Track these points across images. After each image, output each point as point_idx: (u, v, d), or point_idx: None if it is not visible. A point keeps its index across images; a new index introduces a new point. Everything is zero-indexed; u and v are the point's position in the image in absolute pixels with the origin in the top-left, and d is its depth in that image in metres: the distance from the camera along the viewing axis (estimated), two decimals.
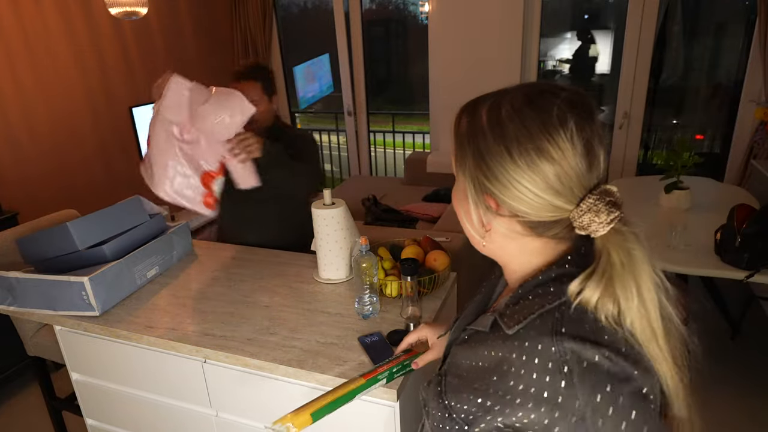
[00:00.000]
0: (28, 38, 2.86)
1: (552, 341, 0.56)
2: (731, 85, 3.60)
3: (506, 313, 0.64)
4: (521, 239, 0.65)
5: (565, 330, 0.56)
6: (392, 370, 0.94)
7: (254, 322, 1.37)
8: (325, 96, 5.05)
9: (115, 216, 1.59)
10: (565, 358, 0.55)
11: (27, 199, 2.88)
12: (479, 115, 0.63)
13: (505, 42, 3.66)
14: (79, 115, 3.19)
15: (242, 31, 4.38)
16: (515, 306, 0.64)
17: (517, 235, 0.65)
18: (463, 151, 0.64)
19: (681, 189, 2.51)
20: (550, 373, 0.55)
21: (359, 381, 0.91)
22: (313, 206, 1.54)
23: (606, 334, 0.57)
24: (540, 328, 0.58)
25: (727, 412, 2.17)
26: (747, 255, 1.89)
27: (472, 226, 0.67)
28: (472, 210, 0.66)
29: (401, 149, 5.11)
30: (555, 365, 0.55)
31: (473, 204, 0.65)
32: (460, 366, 0.69)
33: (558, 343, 0.56)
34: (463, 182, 0.66)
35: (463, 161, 0.64)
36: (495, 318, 0.66)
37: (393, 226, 3.11)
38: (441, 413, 0.69)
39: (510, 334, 0.60)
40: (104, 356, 1.52)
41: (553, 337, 0.56)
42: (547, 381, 0.55)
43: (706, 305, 2.82)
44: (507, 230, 0.65)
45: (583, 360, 0.54)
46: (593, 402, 0.53)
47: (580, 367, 0.54)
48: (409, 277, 1.23)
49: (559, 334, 0.56)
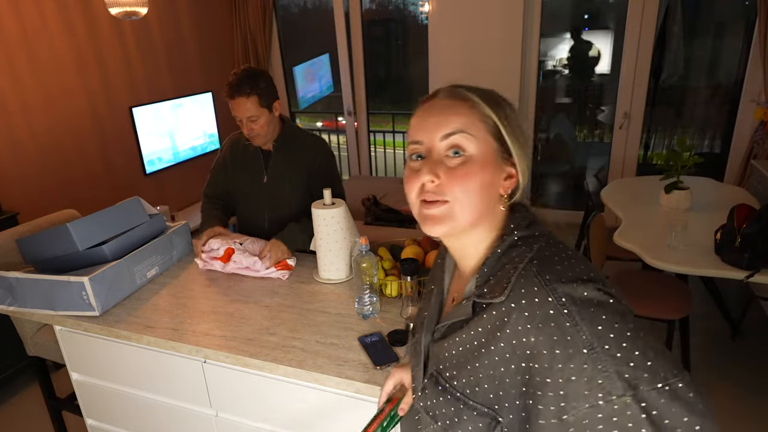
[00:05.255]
0: (28, 38, 2.86)
1: (546, 292, 0.61)
2: (731, 85, 3.60)
3: (484, 292, 0.68)
4: (498, 209, 0.73)
5: (549, 277, 0.63)
6: (383, 425, 0.93)
7: (254, 322, 1.37)
8: (325, 96, 5.04)
9: (115, 216, 1.59)
10: (562, 301, 0.60)
11: (27, 200, 2.88)
12: (505, 99, 0.74)
13: (505, 42, 3.66)
14: (79, 115, 3.19)
15: (242, 31, 4.39)
16: (489, 282, 0.68)
17: (500, 203, 0.73)
18: (506, 117, 0.71)
19: (681, 189, 2.51)
20: (553, 319, 0.60)
21: None
22: (313, 206, 1.54)
23: (572, 265, 0.64)
24: (526, 286, 0.63)
25: (728, 412, 2.17)
26: (747, 255, 1.89)
27: (489, 198, 0.70)
28: (499, 175, 0.71)
29: (401, 149, 5.11)
30: (556, 311, 0.60)
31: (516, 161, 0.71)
32: (449, 358, 0.71)
33: (552, 291, 0.61)
34: (495, 147, 0.70)
35: (509, 125, 0.71)
36: (473, 301, 0.70)
37: (393, 226, 3.10)
38: (454, 407, 0.69)
39: (502, 300, 0.65)
40: (104, 356, 1.52)
41: (545, 287, 0.62)
42: (552, 326, 0.60)
43: (706, 305, 2.82)
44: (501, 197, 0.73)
45: (576, 299, 0.60)
46: (596, 331, 0.58)
47: (576, 305, 0.60)
48: (409, 277, 1.23)
49: (546, 283, 0.62)
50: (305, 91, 5.00)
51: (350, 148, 4.75)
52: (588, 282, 0.62)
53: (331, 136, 5.19)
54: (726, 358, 2.49)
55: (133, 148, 3.50)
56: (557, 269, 0.64)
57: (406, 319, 1.30)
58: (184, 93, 3.89)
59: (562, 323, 0.59)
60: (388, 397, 0.98)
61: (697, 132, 3.89)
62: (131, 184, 3.52)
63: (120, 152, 3.47)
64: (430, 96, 0.74)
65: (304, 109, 5.09)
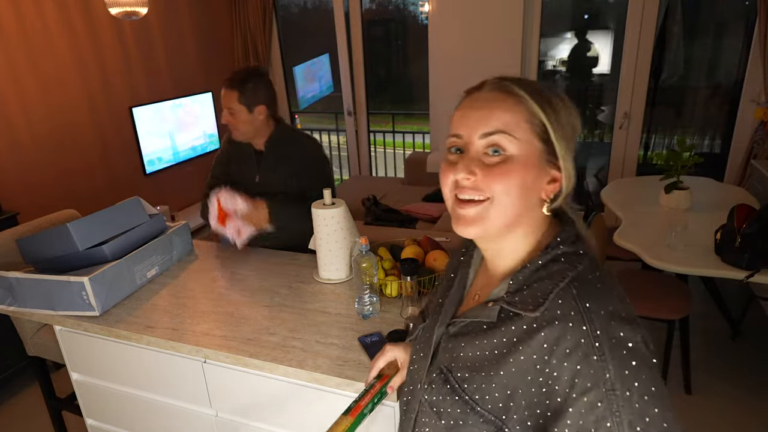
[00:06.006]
0: (28, 38, 2.86)
1: (582, 319, 0.59)
2: (731, 85, 3.60)
3: (515, 300, 0.65)
4: (539, 213, 0.70)
5: (589, 305, 0.60)
6: (373, 401, 0.93)
7: (254, 322, 1.37)
8: (325, 96, 5.05)
9: (115, 216, 1.59)
10: (596, 333, 0.58)
11: (27, 200, 2.88)
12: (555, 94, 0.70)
13: (505, 42, 3.65)
14: (79, 116, 3.19)
15: (242, 31, 4.38)
16: (523, 292, 0.66)
17: (542, 207, 0.70)
18: (558, 118, 0.67)
19: (681, 189, 2.51)
20: (583, 349, 0.58)
21: (347, 420, 0.89)
22: (313, 206, 1.54)
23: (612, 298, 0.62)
24: (563, 307, 0.61)
25: (728, 412, 2.17)
26: (747, 255, 1.89)
27: (528, 201, 0.68)
28: (542, 178, 0.68)
29: (401, 149, 5.11)
30: (588, 341, 0.58)
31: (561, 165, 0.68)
32: (465, 359, 0.69)
33: (588, 321, 0.59)
34: (540, 149, 0.67)
35: (559, 127, 0.67)
36: (501, 307, 0.67)
37: (393, 226, 3.11)
38: (461, 410, 0.68)
39: (536, 316, 0.62)
40: (104, 356, 1.52)
41: (581, 314, 0.60)
42: (579, 355, 0.58)
43: (706, 305, 2.82)
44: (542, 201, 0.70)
45: (611, 336, 0.58)
46: (622, 374, 0.57)
47: (608, 342, 0.58)
48: (409, 277, 1.23)
49: (585, 311, 0.60)
50: (305, 91, 5.00)
51: (350, 148, 4.75)
52: (626, 322, 0.59)
53: (331, 136, 5.20)
54: (726, 358, 2.49)
55: (133, 148, 3.50)
56: (597, 298, 0.61)
57: (406, 319, 1.30)
58: (184, 93, 3.89)
59: (590, 355, 0.58)
60: (379, 373, 0.97)
61: (697, 132, 3.89)
62: (131, 184, 3.52)
63: (120, 152, 3.47)
64: (476, 87, 0.71)
65: (304, 109, 5.09)
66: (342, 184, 4.39)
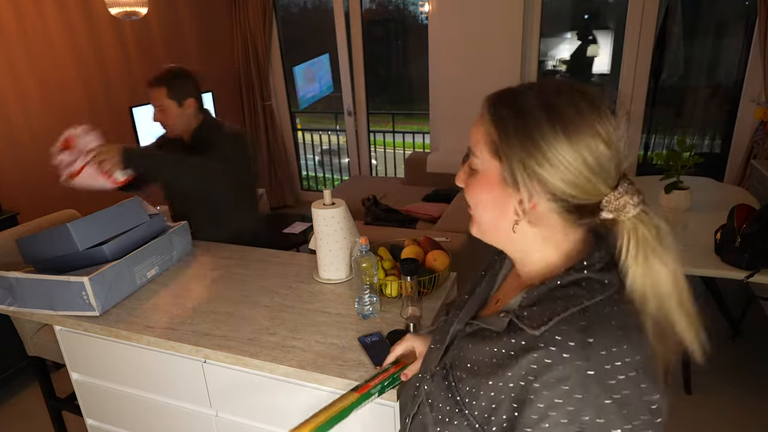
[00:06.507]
0: (28, 38, 2.86)
1: (579, 354, 0.56)
2: (731, 85, 3.60)
3: (524, 315, 0.64)
4: (548, 228, 0.66)
5: (593, 340, 0.57)
6: (384, 383, 0.93)
7: (254, 322, 1.37)
8: (325, 96, 5.04)
9: (114, 216, 1.59)
10: (588, 374, 0.56)
11: (27, 200, 2.87)
12: (526, 102, 0.63)
13: (505, 42, 3.66)
14: (79, 115, 3.19)
15: (242, 31, 4.38)
16: (533, 308, 0.64)
17: (547, 223, 0.66)
18: (506, 136, 0.63)
19: (681, 189, 2.51)
20: (569, 384, 0.56)
21: (353, 396, 0.90)
22: (313, 206, 1.54)
23: (623, 341, 0.58)
24: (564, 334, 0.58)
25: (728, 412, 2.17)
26: (747, 255, 1.89)
27: (501, 215, 0.67)
28: (509, 197, 0.65)
29: (401, 149, 5.11)
30: (576, 379, 0.56)
31: (520, 188, 0.63)
32: (467, 360, 0.70)
33: (584, 357, 0.56)
34: (498, 168, 0.64)
35: (507, 146, 0.63)
36: (510, 320, 0.66)
37: (393, 226, 3.11)
38: (450, 407, 0.69)
39: (535, 335, 0.60)
40: (104, 356, 1.52)
41: (581, 348, 0.57)
42: (564, 390, 0.56)
43: (706, 305, 2.82)
44: (540, 218, 0.65)
45: (606, 384, 0.55)
46: (599, 424, 0.55)
47: (599, 388, 0.55)
48: (409, 277, 1.23)
49: (585, 345, 0.57)
50: (305, 91, 5.00)
51: (350, 148, 4.75)
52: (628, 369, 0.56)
53: (331, 135, 5.20)
54: (726, 358, 2.49)
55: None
56: (605, 336, 0.57)
57: (406, 319, 1.30)
58: None
59: (573, 394, 0.56)
60: (396, 359, 0.98)
61: (697, 132, 3.89)
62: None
63: None
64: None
65: (304, 109, 5.09)
66: (342, 184, 4.39)
